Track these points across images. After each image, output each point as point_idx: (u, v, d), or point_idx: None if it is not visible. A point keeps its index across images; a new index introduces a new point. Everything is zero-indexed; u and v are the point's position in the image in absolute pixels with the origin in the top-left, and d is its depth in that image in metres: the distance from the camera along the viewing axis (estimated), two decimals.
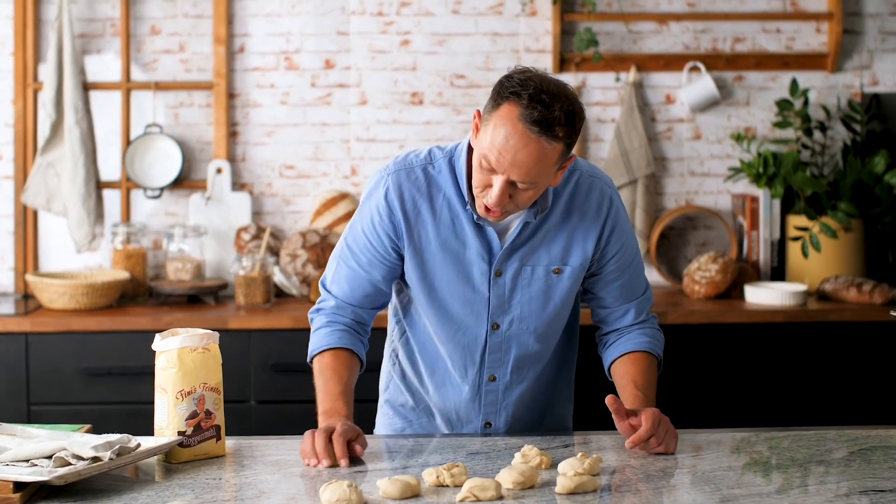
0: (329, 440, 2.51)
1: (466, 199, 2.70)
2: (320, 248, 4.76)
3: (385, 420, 3.07)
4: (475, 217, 2.71)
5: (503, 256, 2.75)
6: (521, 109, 2.49)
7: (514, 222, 2.74)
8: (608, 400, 2.58)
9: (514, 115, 2.50)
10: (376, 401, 3.13)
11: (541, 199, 2.71)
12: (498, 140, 2.52)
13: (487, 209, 2.63)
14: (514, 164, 2.52)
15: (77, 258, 4.99)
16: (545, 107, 2.49)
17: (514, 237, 2.74)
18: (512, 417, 2.93)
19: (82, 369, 4.35)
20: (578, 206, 2.77)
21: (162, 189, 4.92)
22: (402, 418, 3.03)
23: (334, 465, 2.49)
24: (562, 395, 3.04)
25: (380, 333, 3.18)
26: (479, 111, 2.61)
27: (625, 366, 2.85)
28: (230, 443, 2.69)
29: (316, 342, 2.81)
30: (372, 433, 3.09)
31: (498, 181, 2.56)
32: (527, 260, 2.76)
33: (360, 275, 2.81)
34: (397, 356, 3.00)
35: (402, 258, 2.80)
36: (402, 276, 2.85)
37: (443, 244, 2.76)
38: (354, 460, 2.54)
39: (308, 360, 2.82)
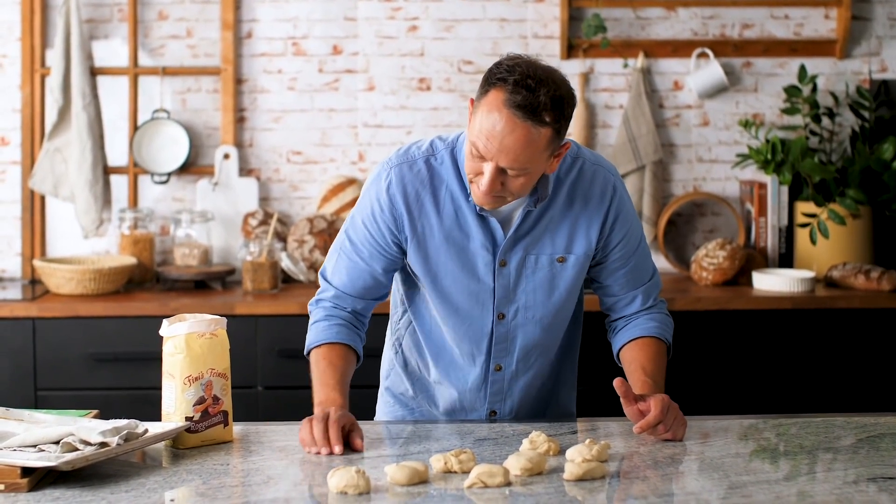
0: (326, 428, 2.51)
1: (469, 189, 2.70)
2: (327, 234, 4.76)
3: (386, 408, 3.06)
4: (478, 208, 2.70)
5: (507, 246, 2.74)
6: (507, 94, 2.49)
7: (517, 212, 2.73)
8: (616, 383, 2.57)
9: (500, 101, 2.50)
10: (376, 387, 3.12)
11: (541, 186, 2.70)
12: (486, 126, 2.52)
13: (483, 199, 2.62)
14: (501, 150, 2.51)
15: (84, 243, 4.99)
16: (530, 91, 2.49)
17: (516, 226, 2.73)
18: (517, 406, 2.92)
19: (89, 355, 4.36)
20: (582, 194, 2.76)
21: (169, 174, 4.92)
22: (403, 406, 3.03)
23: (333, 452, 2.48)
24: (565, 381, 3.03)
25: (381, 319, 3.18)
26: (472, 99, 2.61)
27: (633, 352, 2.84)
28: (237, 428, 2.69)
29: (314, 335, 2.81)
30: (372, 419, 3.09)
31: (488, 168, 2.55)
32: (531, 249, 2.76)
33: (360, 266, 2.80)
34: (400, 345, 3.00)
35: (402, 251, 2.79)
36: (407, 267, 2.85)
37: (447, 236, 2.75)
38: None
39: (305, 352, 2.82)
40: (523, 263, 2.76)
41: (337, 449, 2.47)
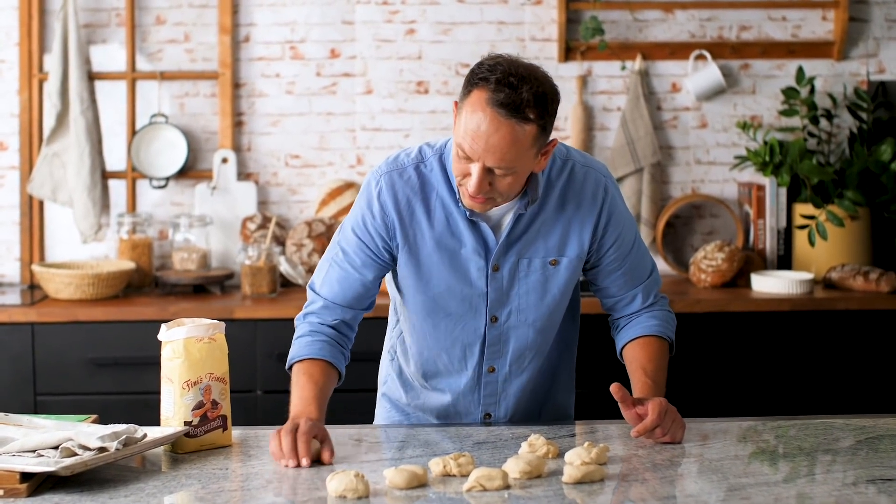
0: (295, 440, 2.47)
1: (458, 195, 2.70)
2: (326, 238, 4.76)
3: (383, 413, 3.07)
4: (468, 214, 2.70)
5: (500, 251, 2.74)
6: (490, 93, 2.50)
7: (508, 216, 2.73)
8: (613, 388, 2.57)
9: (483, 100, 2.51)
10: (375, 391, 3.13)
11: (530, 189, 2.70)
12: (470, 127, 2.52)
13: (472, 201, 2.62)
14: (487, 149, 2.52)
15: (83, 248, 4.99)
16: (513, 89, 2.49)
17: (508, 231, 2.73)
18: (512, 408, 2.92)
19: (88, 359, 4.36)
20: (573, 196, 2.76)
21: (167, 179, 4.92)
22: (400, 412, 3.03)
23: (300, 465, 2.46)
24: (563, 383, 3.03)
25: (380, 322, 3.18)
26: (456, 101, 2.61)
27: (634, 351, 2.85)
28: (237, 433, 2.69)
29: (296, 350, 2.78)
30: (371, 424, 3.09)
31: (475, 169, 2.55)
32: (523, 253, 2.76)
33: (352, 276, 2.79)
34: (395, 352, 3.00)
35: (393, 259, 2.79)
36: (395, 276, 2.85)
37: (438, 243, 2.75)
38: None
39: (287, 367, 2.79)
40: (516, 267, 2.76)
41: (304, 462, 2.44)
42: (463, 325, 2.81)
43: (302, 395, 2.67)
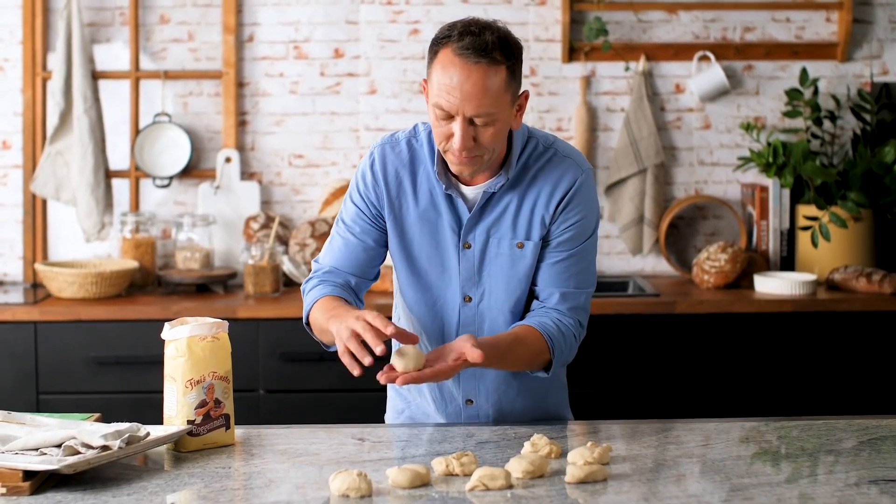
0: (360, 338, 2.47)
1: (437, 170, 2.75)
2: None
3: (390, 402, 3.11)
4: (444, 188, 2.75)
5: (467, 228, 2.79)
6: (455, 45, 2.60)
7: (482, 195, 2.77)
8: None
9: (450, 53, 2.60)
10: (378, 390, 3.14)
11: (504, 169, 2.75)
12: (444, 82, 2.59)
13: (459, 162, 2.65)
14: (464, 98, 2.58)
15: (86, 247, 4.99)
16: (475, 35, 2.60)
17: (478, 207, 2.78)
18: (493, 396, 2.90)
19: (91, 358, 4.36)
20: (545, 181, 2.79)
21: (171, 178, 4.92)
22: (402, 399, 3.06)
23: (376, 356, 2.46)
24: (553, 382, 3.00)
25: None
26: (424, 80, 2.69)
27: (512, 329, 2.78)
28: (239, 432, 2.69)
29: (308, 300, 2.84)
30: (383, 415, 3.11)
31: (457, 124, 2.61)
32: (493, 233, 2.79)
33: (352, 242, 2.86)
34: None
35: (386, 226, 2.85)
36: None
37: (421, 215, 2.81)
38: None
39: (304, 321, 2.85)
40: (486, 247, 2.79)
41: (378, 350, 2.44)
42: (442, 301, 2.84)
43: (326, 309, 2.70)
